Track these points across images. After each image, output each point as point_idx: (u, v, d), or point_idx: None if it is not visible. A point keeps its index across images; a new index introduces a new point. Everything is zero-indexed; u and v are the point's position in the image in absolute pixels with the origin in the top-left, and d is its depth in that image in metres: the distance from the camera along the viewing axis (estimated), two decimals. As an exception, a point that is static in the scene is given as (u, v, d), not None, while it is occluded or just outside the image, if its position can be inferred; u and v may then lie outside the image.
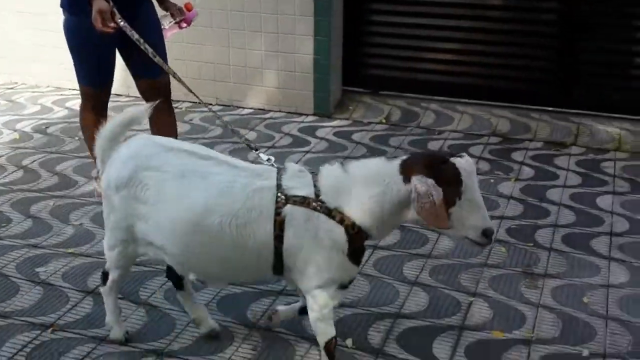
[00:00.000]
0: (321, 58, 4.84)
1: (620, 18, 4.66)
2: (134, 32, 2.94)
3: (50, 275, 2.97)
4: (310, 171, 2.19)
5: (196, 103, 5.03)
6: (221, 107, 5.07)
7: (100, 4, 2.93)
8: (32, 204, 3.61)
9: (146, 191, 2.19)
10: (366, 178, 2.08)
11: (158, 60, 2.93)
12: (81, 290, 2.87)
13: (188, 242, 2.17)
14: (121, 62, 3.39)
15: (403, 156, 2.12)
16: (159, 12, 3.40)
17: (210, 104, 5.10)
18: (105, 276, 2.46)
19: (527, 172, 4.07)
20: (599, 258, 3.15)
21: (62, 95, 5.39)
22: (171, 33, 3.43)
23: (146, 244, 2.28)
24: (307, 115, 4.98)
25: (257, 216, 2.10)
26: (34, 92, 5.47)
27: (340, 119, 4.91)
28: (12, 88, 5.57)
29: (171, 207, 2.16)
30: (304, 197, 2.08)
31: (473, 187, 2.02)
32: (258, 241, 2.11)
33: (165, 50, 3.34)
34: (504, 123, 4.75)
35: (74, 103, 5.18)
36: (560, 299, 2.84)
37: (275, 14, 4.83)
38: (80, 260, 3.09)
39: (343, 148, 4.43)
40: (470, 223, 2.03)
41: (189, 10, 3.42)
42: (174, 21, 3.41)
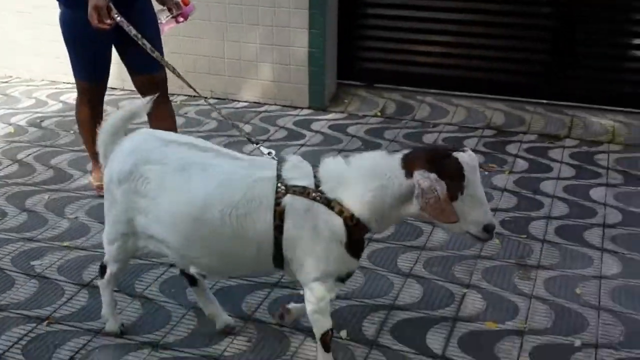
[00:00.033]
0: (316, 51, 4.84)
1: (614, 11, 4.67)
2: (132, 28, 2.90)
3: (45, 268, 2.98)
4: (310, 163, 2.18)
5: (191, 96, 5.04)
6: (216, 101, 5.06)
7: (96, 0, 2.89)
8: (27, 198, 3.61)
9: (147, 185, 2.19)
10: (367, 171, 2.07)
11: (157, 55, 2.89)
12: (76, 283, 2.88)
13: (188, 235, 2.17)
14: (116, 56, 3.39)
15: (405, 150, 2.10)
16: (156, 7, 3.40)
17: (209, 98, 5.10)
18: (103, 269, 2.47)
19: (521, 165, 4.08)
20: (592, 249, 3.17)
21: (57, 88, 5.39)
22: (168, 27, 3.42)
23: (147, 238, 2.28)
24: (302, 108, 4.98)
25: (257, 207, 2.09)
26: (29, 86, 5.46)
27: (335, 112, 4.92)
28: (7, 82, 5.55)
29: (172, 200, 2.16)
30: (304, 187, 2.08)
31: (475, 182, 2.00)
32: (258, 232, 2.11)
33: (161, 44, 3.34)
34: (499, 116, 4.76)
35: (69, 96, 5.18)
36: (553, 290, 2.86)
37: (270, 7, 4.83)
38: (75, 253, 3.10)
39: (338, 141, 4.44)
40: (472, 218, 2.01)
41: (186, 4, 3.42)
42: (171, 15, 3.40)
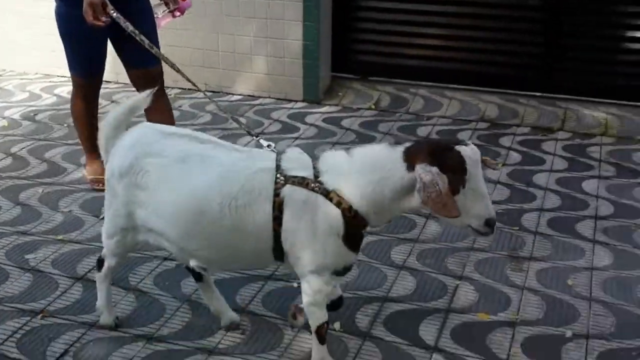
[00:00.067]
0: (310, 44, 4.83)
1: (607, 4, 4.68)
2: (129, 24, 2.87)
3: (39, 262, 2.99)
4: (310, 155, 2.17)
5: (186, 89, 5.03)
6: (210, 94, 5.06)
7: None
8: (21, 191, 3.61)
9: (147, 177, 2.19)
10: (369, 163, 2.06)
11: (155, 51, 2.86)
12: (71, 276, 2.88)
13: (187, 227, 2.17)
14: (109, 49, 3.38)
15: (407, 143, 2.08)
16: (153, 1, 3.38)
17: (203, 91, 5.10)
18: (100, 263, 2.47)
19: (515, 157, 4.10)
20: (584, 241, 3.19)
21: (51, 82, 5.38)
22: (165, 22, 3.41)
23: (146, 231, 2.28)
24: (297, 101, 4.98)
25: (257, 198, 2.09)
26: (22, 79, 5.44)
27: (329, 105, 4.92)
28: (1, 75, 5.54)
29: (170, 192, 2.16)
30: (303, 178, 2.07)
31: (477, 176, 1.98)
32: (257, 224, 2.11)
33: (158, 39, 3.32)
34: (492, 108, 4.77)
35: (62, 90, 5.17)
36: (544, 282, 2.88)
37: (264, 0, 4.82)
38: (69, 246, 3.11)
39: (332, 134, 4.44)
40: (473, 212, 1.99)
41: None
42: (168, 10, 3.40)
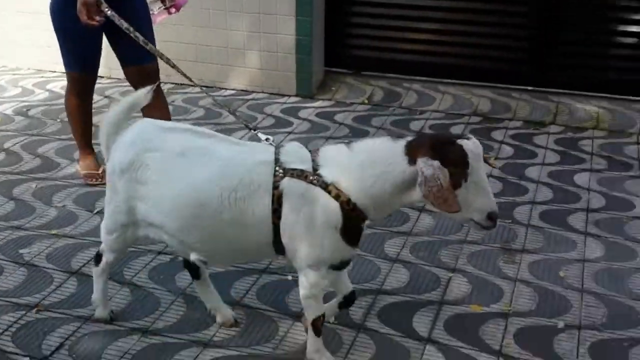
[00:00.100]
0: (303, 39, 4.84)
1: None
2: (123, 21, 2.86)
3: (34, 256, 2.99)
4: (309, 149, 2.18)
5: (179, 84, 5.03)
6: (204, 89, 5.05)
7: None
8: (15, 187, 3.61)
9: (147, 172, 2.20)
10: (369, 157, 2.06)
11: (150, 47, 2.86)
12: (65, 270, 2.89)
13: (188, 220, 2.18)
14: (104, 45, 3.37)
15: (409, 137, 2.09)
16: None
17: (196, 86, 5.09)
18: (98, 257, 2.48)
19: (507, 151, 4.12)
20: (576, 233, 3.22)
21: (43, 77, 5.36)
22: (160, 19, 3.41)
23: (147, 225, 2.29)
24: (290, 96, 4.99)
25: (256, 190, 2.10)
26: (15, 75, 5.43)
27: (322, 100, 4.93)
28: (-7, 71, 5.54)
29: (171, 186, 2.17)
30: (302, 170, 2.07)
31: (479, 170, 1.98)
32: (257, 216, 2.11)
33: (154, 36, 3.32)
34: (485, 103, 4.80)
35: (55, 85, 5.16)
36: (537, 274, 2.90)
37: (256, -5, 4.84)
38: (63, 241, 3.11)
39: (325, 129, 4.45)
40: (475, 206, 1.99)
41: None
42: (163, 7, 3.40)
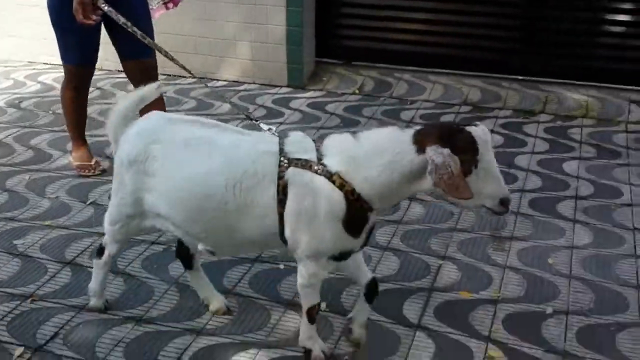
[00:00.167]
0: (294, 29, 4.85)
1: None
2: (120, 16, 2.86)
3: (28, 247, 3.01)
4: (314, 138, 2.18)
5: (170, 76, 5.04)
6: (195, 80, 5.07)
7: None
8: (8, 178, 3.62)
9: (155, 163, 2.22)
10: (376, 146, 2.04)
11: (149, 41, 2.85)
12: (59, 261, 2.91)
13: (194, 211, 2.19)
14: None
15: (417, 126, 2.08)
16: None
17: (189, 77, 5.11)
18: (101, 250, 2.50)
19: (497, 140, 4.15)
20: (564, 221, 3.26)
21: (35, 69, 5.36)
22: (159, 14, 3.43)
23: (154, 216, 2.30)
24: (281, 86, 5.01)
25: (261, 181, 2.10)
26: (6, 67, 5.42)
27: (313, 90, 4.95)
28: (-17, 63, 5.53)
29: (178, 177, 2.19)
30: (306, 160, 2.07)
31: (489, 156, 1.99)
32: (262, 207, 2.11)
33: (152, 30, 3.32)
34: (475, 92, 4.83)
35: (47, 77, 5.16)
36: (525, 260, 2.94)
37: (247, -14, 4.84)
38: (57, 232, 3.13)
39: (317, 119, 4.48)
40: (487, 192, 1.99)
41: None
42: (162, 2, 3.41)
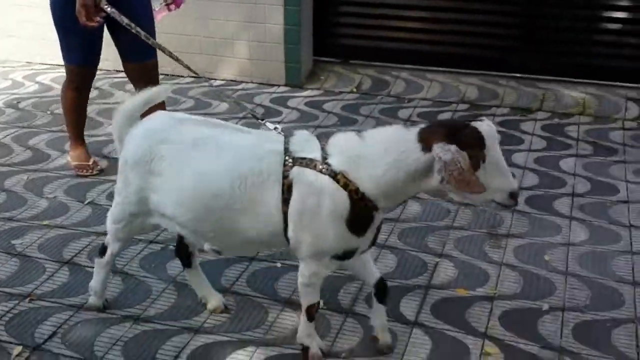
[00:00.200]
0: (292, 28, 4.86)
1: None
2: (124, 18, 2.86)
3: (26, 247, 3.02)
4: (319, 137, 2.18)
5: (168, 75, 5.04)
6: (192, 79, 5.08)
7: None
8: (6, 178, 3.63)
9: (161, 163, 2.22)
10: (381, 145, 2.04)
11: (153, 42, 2.85)
12: (57, 260, 2.92)
13: (200, 211, 2.19)
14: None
15: (421, 124, 2.06)
16: None
17: (190, 77, 5.12)
18: (103, 249, 2.51)
19: (494, 138, 4.16)
20: (561, 218, 3.27)
21: (33, 70, 5.37)
22: (161, 15, 3.43)
23: (159, 215, 2.31)
24: (279, 85, 5.02)
25: (266, 180, 2.10)
26: (4, 67, 5.42)
27: (311, 89, 4.96)
28: (-18, 63, 5.54)
29: (184, 177, 2.19)
30: (311, 159, 2.08)
31: (496, 150, 1.98)
32: (268, 206, 2.11)
33: (154, 30, 3.32)
34: (472, 90, 4.84)
35: (45, 77, 5.17)
36: (522, 258, 2.95)
37: (244, -15, 4.85)
38: (55, 232, 3.14)
39: (314, 118, 4.49)
40: (496, 186, 1.98)
41: None
42: (164, 3, 3.42)
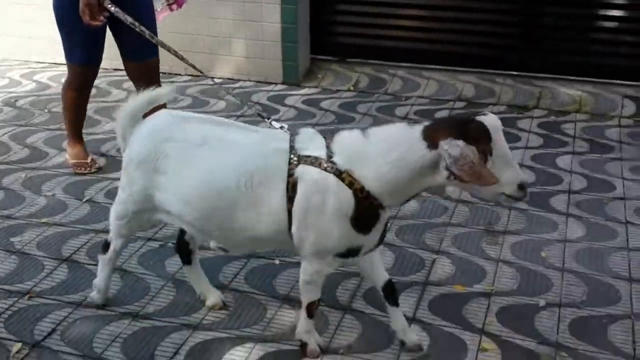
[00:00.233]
0: (289, 26, 4.86)
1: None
2: (128, 17, 2.85)
3: (25, 244, 3.02)
4: (324, 135, 2.18)
5: (165, 74, 5.03)
6: (190, 78, 5.09)
7: None
8: (4, 177, 3.64)
9: (167, 162, 2.22)
10: (386, 143, 2.05)
11: (157, 40, 2.85)
12: (56, 258, 2.93)
13: (206, 209, 2.19)
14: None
15: (425, 122, 2.08)
16: None
17: (188, 75, 5.12)
18: (106, 246, 2.52)
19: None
20: (557, 215, 3.28)
21: (30, 68, 5.37)
22: (162, 16, 3.45)
23: (165, 212, 2.32)
24: (276, 84, 5.02)
25: (272, 178, 2.11)
26: (2, 66, 5.42)
27: (309, 87, 4.97)
28: (-21, 62, 5.53)
29: (190, 175, 2.19)
30: (316, 158, 2.08)
31: (502, 143, 1.99)
32: (273, 204, 2.12)
33: (156, 29, 3.33)
34: (469, 88, 4.85)
35: (42, 76, 5.17)
36: (519, 254, 2.97)
37: (242, -17, 4.85)
38: (53, 229, 3.15)
39: (312, 116, 4.50)
40: (505, 178, 1.98)
41: None
42: (166, 3, 3.43)
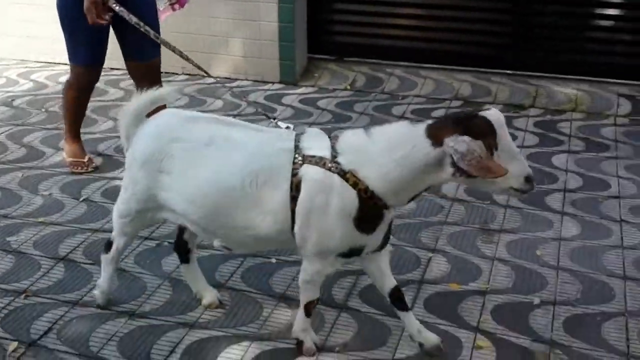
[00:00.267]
0: (286, 26, 4.87)
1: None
2: (132, 16, 2.86)
3: (21, 244, 3.03)
4: (329, 135, 2.19)
5: (163, 73, 5.04)
6: (187, 77, 5.08)
7: None
8: (1, 176, 3.64)
9: (171, 162, 2.23)
10: (390, 142, 2.05)
11: (162, 40, 2.85)
12: (52, 257, 2.93)
13: (211, 208, 2.20)
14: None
15: (428, 120, 2.08)
16: None
17: (185, 74, 5.13)
18: (109, 245, 2.53)
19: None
20: (553, 213, 3.30)
21: (27, 67, 5.37)
22: (165, 15, 3.46)
23: (169, 211, 2.32)
24: (273, 83, 5.03)
25: (276, 177, 2.11)
26: (-1, 65, 5.44)
27: (305, 86, 4.98)
28: (-24, 61, 5.53)
29: (198, 174, 2.20)
30: (320, 157, 2.08)
31: (506, 137, 2.00)
32: (277, 203, 2.12)
33: (159, 29, 3.33)
34: (466, 87, 4.86)
35: (39, 75, 5.17)
36: (514, 252, 2.98)
37: (238, -18, 4.86)
38: (50, 228, 3.15)
39: (309, 115, 4.50)
40: (512, 172, 1.99)
41: None
42: (169, 3, 3.43)
